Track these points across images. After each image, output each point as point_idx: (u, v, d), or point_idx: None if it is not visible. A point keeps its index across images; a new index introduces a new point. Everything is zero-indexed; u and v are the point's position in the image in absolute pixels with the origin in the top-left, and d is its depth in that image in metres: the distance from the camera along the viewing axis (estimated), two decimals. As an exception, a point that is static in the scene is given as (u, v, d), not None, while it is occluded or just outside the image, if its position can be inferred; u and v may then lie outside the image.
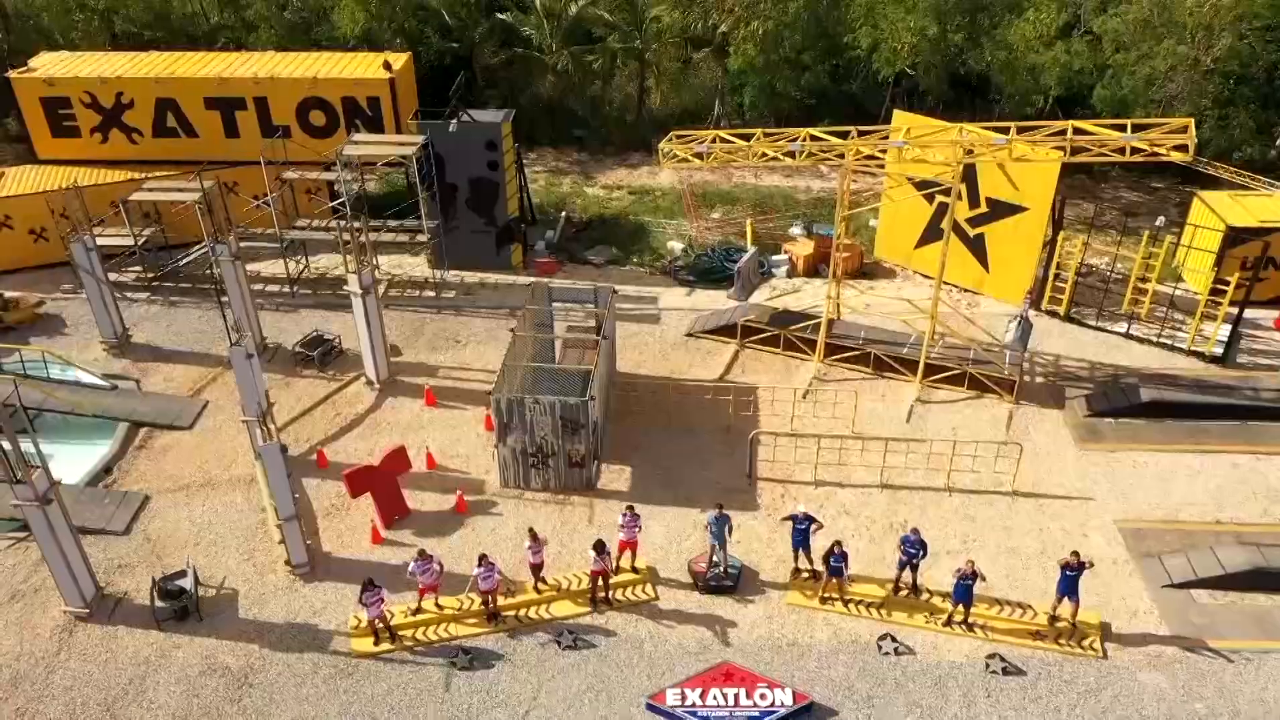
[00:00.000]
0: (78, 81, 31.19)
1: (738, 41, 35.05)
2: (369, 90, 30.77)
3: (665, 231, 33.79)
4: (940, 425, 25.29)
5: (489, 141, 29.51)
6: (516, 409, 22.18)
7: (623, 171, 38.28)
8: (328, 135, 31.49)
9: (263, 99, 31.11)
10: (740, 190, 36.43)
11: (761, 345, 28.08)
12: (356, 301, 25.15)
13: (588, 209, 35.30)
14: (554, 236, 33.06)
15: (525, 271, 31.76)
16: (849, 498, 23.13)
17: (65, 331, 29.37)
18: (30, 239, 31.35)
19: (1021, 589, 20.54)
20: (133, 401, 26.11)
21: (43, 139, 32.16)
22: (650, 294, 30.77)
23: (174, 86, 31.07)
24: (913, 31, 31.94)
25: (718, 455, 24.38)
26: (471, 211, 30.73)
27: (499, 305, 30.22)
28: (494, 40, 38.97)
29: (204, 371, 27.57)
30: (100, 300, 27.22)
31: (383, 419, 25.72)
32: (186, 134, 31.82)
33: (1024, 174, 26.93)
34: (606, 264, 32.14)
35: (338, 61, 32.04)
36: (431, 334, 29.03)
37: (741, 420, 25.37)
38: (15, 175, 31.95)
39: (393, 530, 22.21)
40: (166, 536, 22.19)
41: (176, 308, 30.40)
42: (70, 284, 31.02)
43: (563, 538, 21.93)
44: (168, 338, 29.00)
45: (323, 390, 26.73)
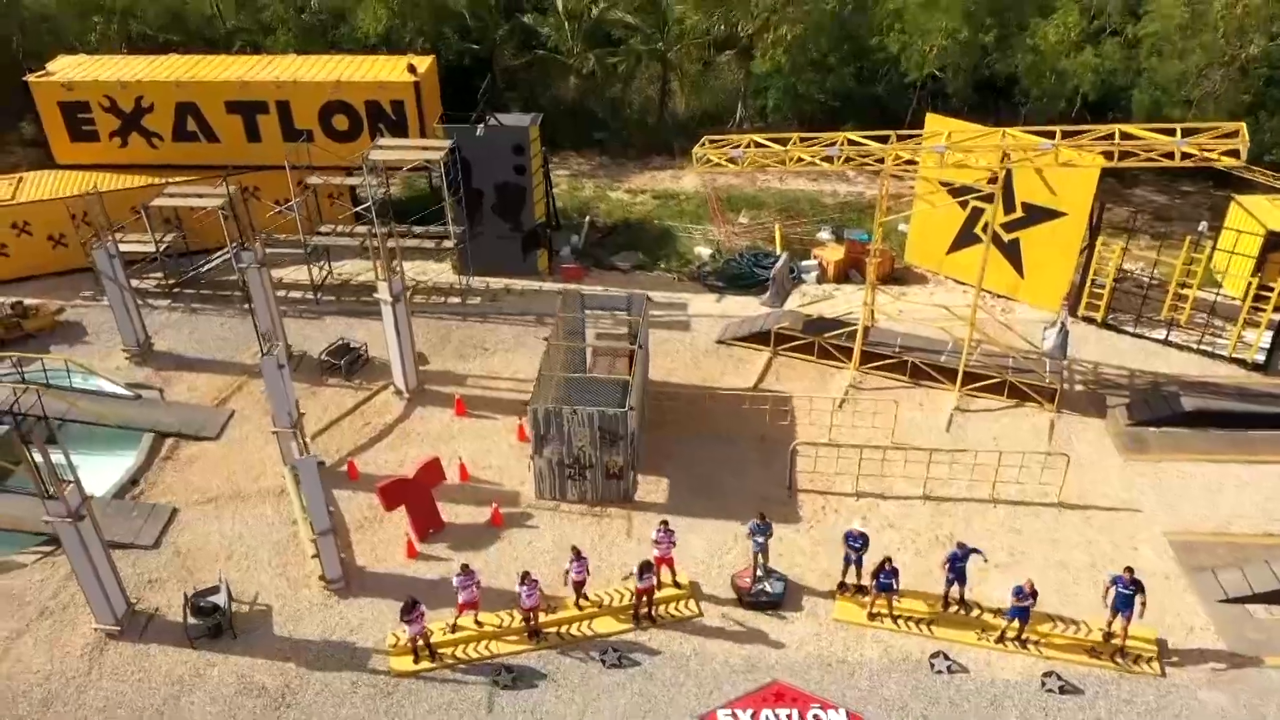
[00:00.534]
0: (97, 85, 30.75)
1: (765, 44, 34.60)
2: (393, 93, 30.32)
3: (692, 236, 33.33)
4: (981, 435, 24.83)
5: (516, 145, 29.05)
6: (554, 420, 21.71)
7: (645, 175, 37.82)
8: (351, 139, 31.04)
9: (285, 103, 30.66)
10: (766, 194, 35.97)
11: (795, 353, 27.62)
12: (386, 310, 24.69)
13: (612, 213, 34.85)
14: (579, 242, 32.61)
15: (551, 277, 31.30)
16: (892, 510, 22.67)
17: (86, 339, 28.90)
18: (49, 245, 30.89)
19: (1073, 604, 20.07)
20: (157, 411, 25.65)
21: (61, 144, 31.72)
22: (679, 300, 30.31)
23: (195, 90, 30.62)
24: (943, 34, 31.46)
25: (755, 465, 23.93)
26: (497, 217, 30.28)
27: (525, 312, 29.76)
28: (514, 42, 38.51)
29: (228, 380, 27.11)
30: (123, 308, 26.76)
31: (412, 429, 25.25)
32: (207, 138, 31.36)
33: (1061, 179, 26.50)
34: (633, 270, 31.68)
35: (361, 64, 31.58)
36: (458, 342, 28.57)
37: (778, 430, 24.93)
38: (33, 180, 31.51)
39: (427, 544, 21.75)
40: (196, 550, 21.73)
41: (198, 315, 29.94)
42: (90, 290, 30.58)
43: (601, 551, 21.46)
44: (190, 345, 28.53)
45: (351, 400, 26.27)
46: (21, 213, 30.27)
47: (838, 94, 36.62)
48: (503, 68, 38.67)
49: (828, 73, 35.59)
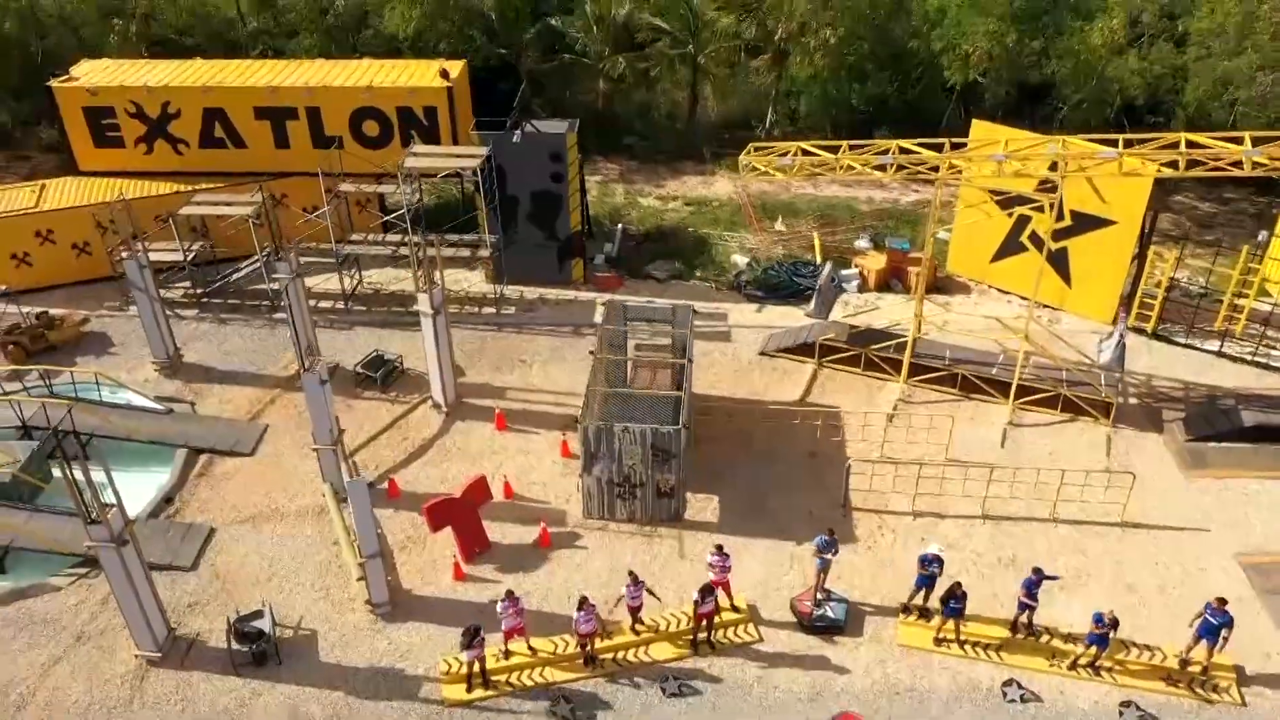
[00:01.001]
0: (122, 91, 30.07)
1: (804, 48, 33.92)
2: (426, 99, 29.65)
3: (727, 244, 32.67)
4: (1036, 451, 24.18)
5: (553, 153, 28.40)
6: (605, 437, 21.06)
7: (676, 181, 37.16)
8: (381, 146, 30.36)
9: (315, 109, 29.98)
10: (800, 201, 35.32)
11: (840, 365, 26.97)
12: (426, 323, 24.03)
13: (644, 221, 34.19)
14: (613, 250, 31.95)
15: (586, 287, 30.64)
16: (951, 530, 22.01)
17: (112, 350, 28.23)
18: (73, 253, 30.22)
19: (1145, 629, 19.42)
20: (190, 426, 24.98)
21: (85, 150, 31.04)
22: (719, 310, 29.64)
23: (223, 96, 29.95)
24: (989, 37, 30.80)
25: (806, 483, 23.28)
26: (532, 225, 29.62)
27: (562, 322, 29.09)
28: (541, 45, 37.85)
29: (260, 393, 26.44)
30: (153, 320, 26.08)
31: (452, 445, 24.58)
32: (234, 145, 30.69)
33: (1113, 186, 25.82)
34: (670, 279, 31.02)
35: (392, 69, 30.92)
36: (495, 353, 27.90)
37: (828, 445, 24.29)
38: (57, 187, 30.84)
39: (474, 565, 21.09)
40: (236, 571, 21.07)
41: (227, 325, 29.26)
42: (115, 300, 29.96)
43: (653, 572, 20.78)
44: (220, 357, 27.85)
45: (387, 413, 25.59)
46: (45, 221, 29.60)
47: (871, 99, 35.95)
48: (528, 71, 37.98)
49: (864, 78, 34.93)
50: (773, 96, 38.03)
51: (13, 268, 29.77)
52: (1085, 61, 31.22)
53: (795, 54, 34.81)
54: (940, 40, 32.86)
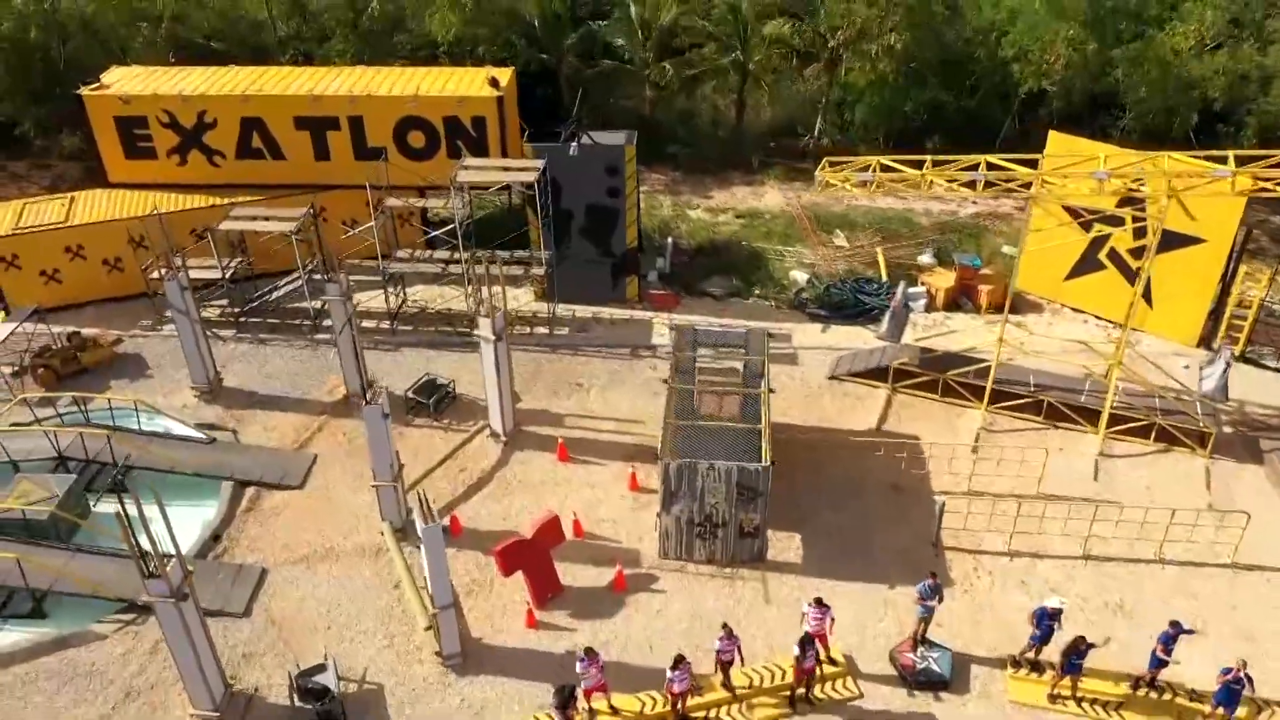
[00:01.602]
0: (156, 99, 28.69)
1: (864, 55, 32.58)
2: (474, 109, 28.27)
3: (784, 260, 31.31)
4: (1131, 484, 22.85)
5: (610, 166, 27.05)
6: (687, 475, 19.71)
7: (725, 192, 35.80)
8: (426, 158, 28.98)
9: (358, 118, 28.60)
10: (855, 213, 33.97)
11: (914, 390, 25.63)
12: (486, 349, 22.67)
13: (694, 234, 32.82)
14: (665, 265, 30.59)
15: (641, 305, 29.29)
16: (1051, 572, 20.68)
17: (148, 373, 26.88)
18: (104, 270, 28.87)
19: (1269, 682, 18.06)
20: (234, 456, 23.63)
21: (115, 161, 29.66)
22: (782, 330, 28.26)
23: (262, 105, 28.57)
24: (1067, 44, 29.42)
25: (891, 519, 21.96)
26: (586, 241, 28.28)
27: (618, 344, 27.74)
28: (581, 51, 36.46)
29: (306, 420, 25.09)
30: (194, 343, 24.72)
31: (513, 477, 23.23)
32: (273, 156, 29.31)
33: (1203, 203, 24.45)
34: (727, 296, 29.67)
35: (438, 77, 29.54)
36: (550, 377, 26.54)
37: (911, 477, 22.96)
38: (86, 200, 29.47)
39: (546, 611, 19.74)
40: (292, 618, 19.73)
41: (266, 346, 27.90)
42: (149, 319, 28.62)
43: (738, 618, 19.45)
44: (261, 381, 26.50)
45: (441, 442, 24.23)
46: (76, 236, 28.25)
47: (926, 106, 34.55)
48: (568, 77, 36.61)
49: (921, 84, 33.58)
50: (822, 104, 36.66)
51: (41, 284, 28.43)
52: (1166, 65, 29.73)
53: (853, 60, 33.44)
54: (1011, 47, 31.46)
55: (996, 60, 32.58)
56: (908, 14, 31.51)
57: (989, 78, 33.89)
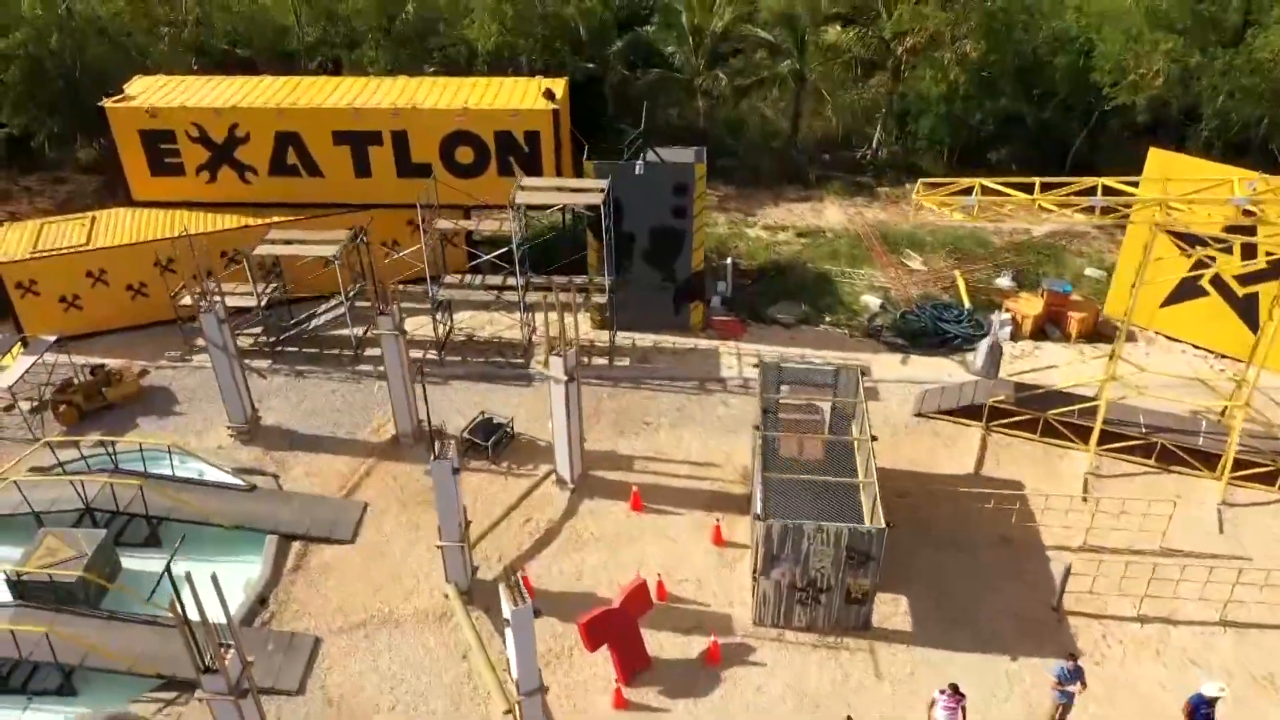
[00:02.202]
0: (185, 112, 26.67)
1: (935, 63, 30.62)
2: (528, 123, 26.28)
3: (853, 283, 29.34)
4: (1262, 537, 20.87)
5: (678, 185, 25.08)
6: (792, 537, 17.72)
7: (781, 208, 33.82)
8: (475, 175, 27.01)
9: (401, 133, 26.60)
10: (922, 231, 31.99)
11: (1011, 430, 23.66)
12: (557, 390, 20.66)
13: (754, 254, 30.85)
14: (727, 289, 28.60)
15: (705, 334, 27.31)
16: (1187, 640, 18.69)
17: (177, 409, 24.86)
18: (128, 295, 26.86)
19: None
20: (277, 506, 21.62)
21: (140, 178, 27.62)
22: (859, 361, 26.23)
23: (299, 118, 26.56)
24: (1166, 56, 27.45)
25: (1004, 577, 19.98)
26: (647, 265, 26.30)
27: (685, 376, 25.75)
28: (629, 59, 34.46)
29: (352, 463, 23.08)
30: (230, 379, 22.72)
31: (584, 529, 21.23)
32: (309, 173, 27.30)
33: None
34: (797, 324, 27.68)
35: (488, 89, 27.53)
36: (613, 413, 24.54)
37: (1020, 529, 20.99)
38: (108, 221, 27.44)
39: (634, 688, 17.74)
40: (352, 696, 17.71)
41: (305, 379, 25.90)
42: (177, 350, 26.62)
43: (846, 695, 17.51)
44: (301, 418, 24.49)
45: (501, 489, 22.22)
46: (98, 260, 26.24)
47: (996, 117, 32.52)
48: (613, 85, 34.62)
49: (994, 94, 31.59)
50: (883, 114, 34.69)
51: (61, 311, 26.43)
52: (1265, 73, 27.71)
53: (922, 68, 31.47)
54: (1103, 58, 29.43)
55: (1078, 69, 30.58)
56: (986, 19, 29.53)
57: (1066, 88, 31.88)
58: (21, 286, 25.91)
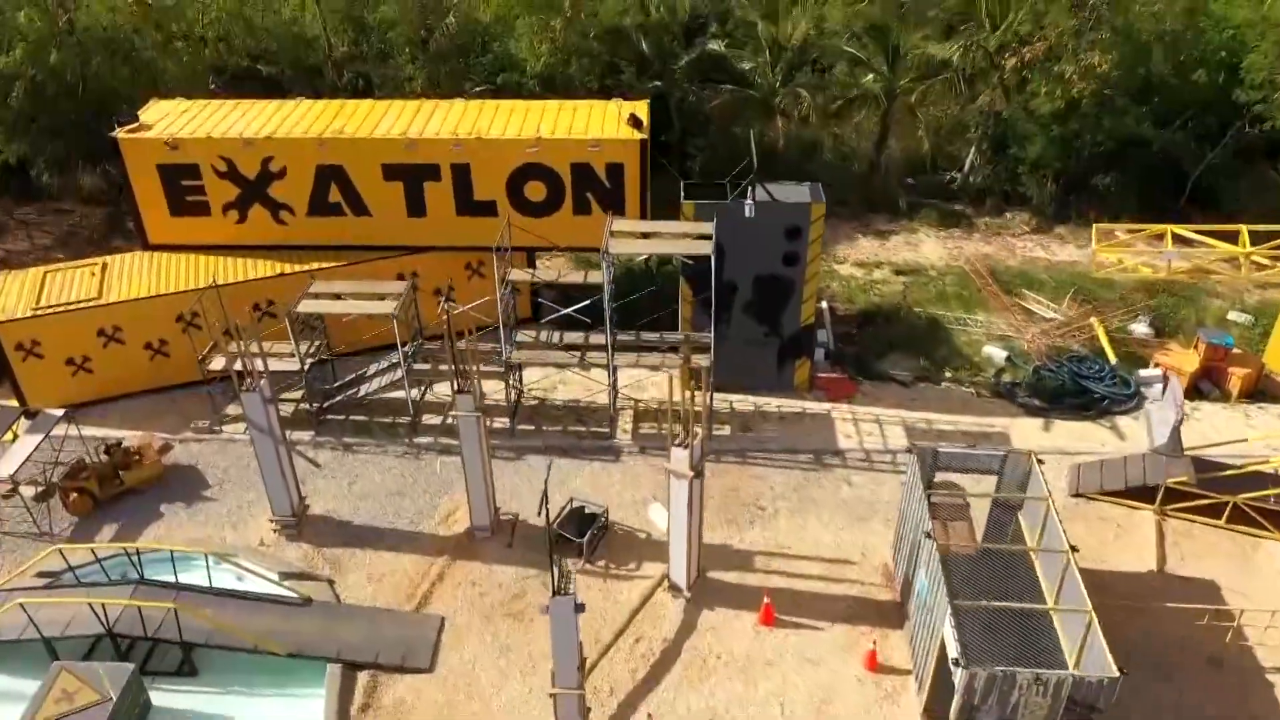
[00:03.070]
0: (211, 144, 23.03)
1: (1054, 76, 27.17)
2: (611, 155, 22.73)
3: (968, 331, 25.88)
4: None
5: (791, 227, 21.60)
6: (1000, 686, 14.23)
7: (870, 241, 30.36)
8: (546, 213, 23.49)
9: (463, 167, 23.04)
10: (1034, 268, 28.59)
11: (1189, 514, 20.24)
12: (678, 486, 17.13)
13: (851, 297, 27.38)
14: (829, 341, 25.12)
15: (811, 394, 23.81)
16: None
17: (206, 494, 21.24)
18: (146, 355, 23.24)
19: None
20: (337, 623, 18.01)
21: (158, 219, 23.97)
22: (993, 426, 22.85)
23: (343, 150, 22.98)
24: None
25: (1225, 713, 16.52)
26: (749, 318, 22.81)
27: (797, 448, 22.25)
28: (696, 75, 30.92)
29: (420, 563, 19.51)
30: (277, 467, 19.12)
31: (708, 650, 17.69)
32: (354, 212, 23.70)
33: None
34: (915, 381, 24.22)
35: (561, 113, 23.94)
36: (719, 495, 20.99)
37: (1233, 648, 17.54)
38: (121, 268, 23.76)
39: None
40: None
41: (355, 454, 22.31)
42: (204, 418, 23.00)
43: None
44: (353, 505, 20.90)
45: (602, 596, 18.66)
46: (112, 316, 22.60)
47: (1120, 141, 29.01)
48: (676, 103, 31.05)
49: (1116, 112, 28.15)
50: (978, 135, 31.24)
51: (68, 376, 22.81)
52: None
53: (1036, 83, 28.00)
54: (1255, 70, 26.04)
55: (1217, 85, 27.22)
56: (1124, 26, 26.07)
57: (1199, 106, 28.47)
58: (23, 348, 22.25)
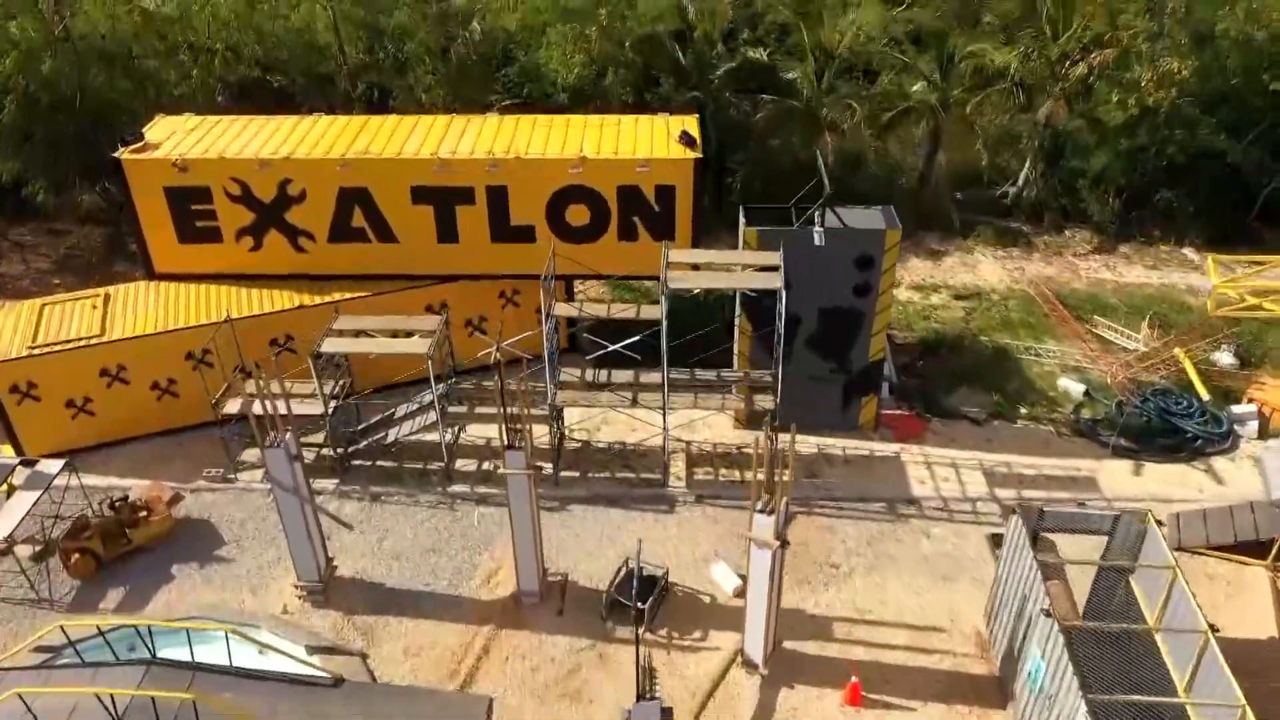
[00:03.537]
0: (223, 165, 21.10)
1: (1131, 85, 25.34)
2: (662, 175, 20.87)
3: (1040, 361, 24.04)
4: None
5: (862, 256, 19.75)
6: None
7: (924, 261, 28.53)
8: (589, 239, 21.61)
9: (499, 189, 21.15)
10: (1102, 291, 26.78)
11: (1307, 571, 18.44)
12: (759, 556, 15.24)
13: (910, 323, 25.53)
14: (892, 374, 23.25)
15: (877, 434, 21.96)
16: None
17: (223, 553, 19.30)
18: (153, 396, 21.31)
19: None
20: (374, 706, 15.98)
21: (165, 246, 22.05)
22: (1079, 470, 21.00)
23: (369, 171, 21.08)
24: None
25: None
26: (812, 353, 20.94)
27: (869, 496, 20.38)
28: (734, 84, 28.99)
29: (462, 634, 17.58)
30: (304, 529, 17.19)
31: (792, 738, 15.84)
32: (380, 238, 21.79)
33: None
34: (989, 419, 22.37)
35: (604, 128, 22.07)
36: (788, 551, 19.05)
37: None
38: (125, 300, 21.81)
39: None
40: None
41: (383, 504, 20.38)
42: (216, 465, 21.07)
43: None
44: (385, 565, 18.97)
45: (667, 672, 16.65)
46: (116, 353, 20.66)
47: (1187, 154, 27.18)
48: (714, 116, 29.10)
49: (1187, 124, 26.33)
50: (1034, 147, 29.39)
51: (68, 419, 20.89)
52: None
53: (1103, 92, 26.17)
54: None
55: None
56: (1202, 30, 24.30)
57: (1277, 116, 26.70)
58: (18, 390, 20.30)
